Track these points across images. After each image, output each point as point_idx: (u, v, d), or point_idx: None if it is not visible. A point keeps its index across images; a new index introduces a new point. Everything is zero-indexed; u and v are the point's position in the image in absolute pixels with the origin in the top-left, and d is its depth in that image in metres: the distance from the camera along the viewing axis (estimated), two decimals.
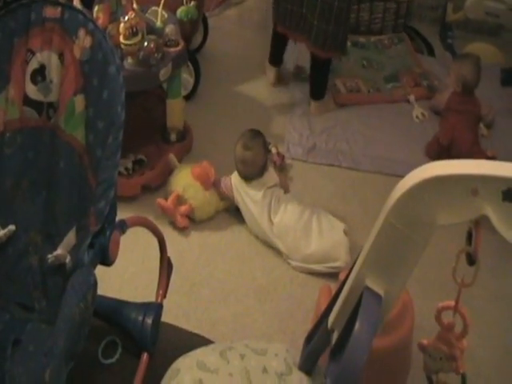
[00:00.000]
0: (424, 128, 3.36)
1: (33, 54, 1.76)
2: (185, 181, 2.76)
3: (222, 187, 2.77)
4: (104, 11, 2.75)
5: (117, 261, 1.71)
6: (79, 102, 1.71)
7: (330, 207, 2.78)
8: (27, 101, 1.78)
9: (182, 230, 2.72)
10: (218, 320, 2.36)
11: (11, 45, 1.75)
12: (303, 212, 2.61)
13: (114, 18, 2.75)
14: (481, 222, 1.07)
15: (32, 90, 1.78)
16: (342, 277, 2.16)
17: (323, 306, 2.19)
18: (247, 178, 2.70)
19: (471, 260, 1.12)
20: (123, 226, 1.75)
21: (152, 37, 2.78)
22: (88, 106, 1.70)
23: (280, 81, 3.64)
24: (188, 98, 3.36)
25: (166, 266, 2.10)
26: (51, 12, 1.73)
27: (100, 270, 1.68)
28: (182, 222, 2.70)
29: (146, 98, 3.16)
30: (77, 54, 1.71)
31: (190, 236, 2.71)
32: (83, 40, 1.70)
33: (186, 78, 3.36)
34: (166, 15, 2.94)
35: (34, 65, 1.77)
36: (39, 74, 1.77)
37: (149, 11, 3.00)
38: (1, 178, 1.78)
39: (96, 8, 2.75)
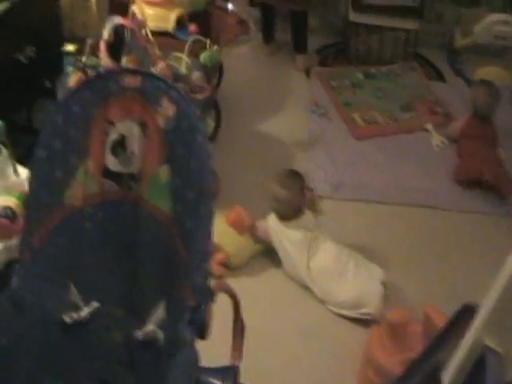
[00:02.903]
0: (445, 155, 3.41)
1: (112, 124, 1.68)
2: (219, 228, 2.77)
3: (258, 231, 2.79)
4: (132, 62, 2.80)
5: None
6: (164, 172, 1.64)
7: (361, 243, 2.82)
8: (107, 173, 1.70)
9: (219, 279, 2.73)
10: (266, 370, 2.34)
11: (90, 117, 1.67)
12: (340, 258, 2.63)
13: (142, 67, 2.80)
14: None
15: (112, 162, 1.70)
16: (391, 317, 2.21)
17: (375, 349, 2.25)
18: (285, 218, 2.72)
19: None
20: (213, 296, 1.64)
21: (179, 85, 2.82)
22: (174, 176, 1.63)
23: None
24: (210, 140, 3.40)
25: (240, 327, 2.02)
26: (131, 81, 1.66)
27: None
28: (217, 270, 2.72)
29: None
30: (160, 123, 1.64)
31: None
32: (167, 109, 1.63)
33: (208, 121, 3.39)
34: (190, 61, 2.99)
35: (114, 136, 1.69)
36: (119, 145, 1.69)
37: (170, 57, 3.05)
38: (82, 253, 1.72)
39: (124, 59, 2.80)
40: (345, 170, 3.30)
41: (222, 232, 2.75)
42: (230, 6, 4.26)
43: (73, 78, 2.81)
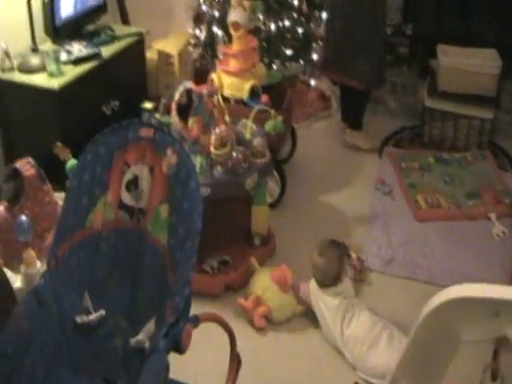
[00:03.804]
0: (504, 246, 3.38)
1: (128, 166, 2.10)
2: (264, 283, 2.91)
3: (300, 291, 2.90)
4: (197, 123, 3.01)
5: (189, 352, 1.90)
6: (164, 209, 2.01)
7: (400, 318, 2.84)
8: (122, 205, 2.10)
9: (260, 330, 2.84)
10: None
11: (111, 157, 2.08)
12: (374, 326, 2.69)
13: (206, 129, 3.00)
14: (504, 341, 1.15)
15: (126, 197, 2.10)
16: None
17: None
18: (322, 284, 2.81)
19: (494, 376, 1.20)
20: (196, 320, 1.96)
21: (241, 148, 3.02)
22: (171, 214, 1.98)
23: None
24: (274, 205, 3.56)
25: (235, 362, 2.23)
26: (146, 132, 2.08)
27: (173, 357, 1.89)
28: (259, 322, 2.84)
29: (234, 203, 3.34)
30: (164, 168, 2.02)
31: (266, 336, 2.85)
32: (170, 157, 2.02)
33: (273, 186, 3.56)
34: (254, 128, 3.18)
35: (128, 175, 2.10)
36: (133, 184, 2.10)
37: (239, 123, 3.25)
38: (96, 268, 2.09)
39: (191, 120, 3.01)
40: (399, 247, 3.34)
41: (267, 287, 2.89)
42: (312, 82, 4.46)
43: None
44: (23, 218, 2.79)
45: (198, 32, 4.51)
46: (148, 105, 3.30)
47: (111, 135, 2.10)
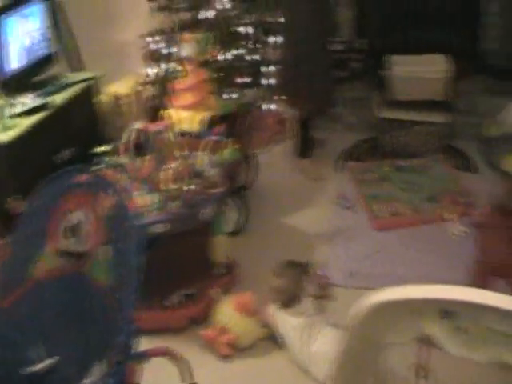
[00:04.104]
0: (463, 245, 3.42)
1: (69, 212, 2.14)
2: (227, 311, 2.95)
3: (264, 316, 2.94)
4: (150, 161, 3.08)
5: None
6: (103, 251, 2.06)
7: None
8: (63, 252, 2.14)
9: (226, 358, 2.88)
10: None
11: (52, 207, 2.14)
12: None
13: (157, 166, 3.06)
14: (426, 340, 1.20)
15: (67, 243, 2.14)
16: None
17: None
18: (284, 305, 2.86)
19: (421, 373, 1.25)
20: (143, 357, 2.00)
21: (195, 180, 3.08)
22: (111, 256, 2.03)
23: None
24: (237, 233, 3.61)
25: None
26: (82, 178, 2.16)
27: None
28: (224, 350, 2.88)
29: (195, 235, 3.38)
30: (101, 212, 2.08)
31: (233, 363, 2.87)
32: (106, 200, 2.08)
33: (234, 214, 3.61)
34: (209, 159, 3.24)
35: (69, 222, 2.14)
36: (73, 229, 2.14)
37: (194, 156, 3.31)
38: (42, 316, 2.12)
39: (145, 158, 3.08)
40: (361, 259, 3.39)
41: (230, 314, 2.93)
42: (272, 106, 4.54)
43: None
44: None
45: (149, 70, 4.62)
46: (100, 149, 3.36)
47: (50, 185, 2.17)
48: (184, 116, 3.64)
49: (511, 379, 1.55)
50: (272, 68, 4.58)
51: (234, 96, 4.50)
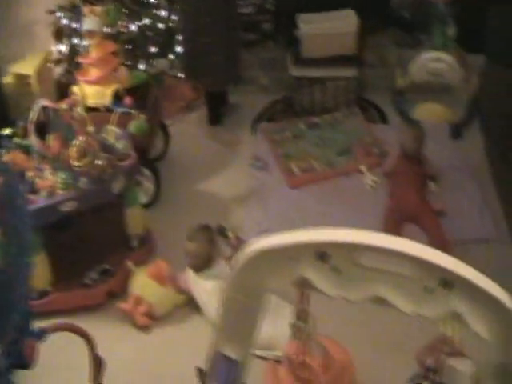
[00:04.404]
0: (377, 195, 3.50)
1: None
2: (141, 281, 2.97)
3: (179, 282, 2.97)
4: (57, 139, 3.04)
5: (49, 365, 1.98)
6: None
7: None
8: None
9: (144, 328, 2.90)
10: None
11: None
12: None
13: (66, 143, 3.03)
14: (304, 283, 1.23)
15: None
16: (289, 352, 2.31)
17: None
18: (197, 269, 2.89)
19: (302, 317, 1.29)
20: (42, 334, 1.98)
21: (104, 154, 3.06)
22: (3, 234, 1.94)
23: None
24: (151, 204, 3.61)
25: (96, 365, 2.24)
26: None
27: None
28: (141, 321, 2.90)
29: (108, 209, 3.38)
30: None
31: (152, 333, 2.90)
32: None
33: (148, 185, 3.61)
34: (118, 132, 3.23)
35: None
36: None
37: (104, 130, 3.29)
38: None
39: (50, 137, 3.04)
40: (276, 218, 3.43)
41: (144, 284, 2.95)
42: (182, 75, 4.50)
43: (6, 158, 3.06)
44: None
45: (59, 47, 4.54)
46: (6, 130, 3.31)
47: None
48: (92, 91, 3.59)
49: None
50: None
51: (145, 67, 4.45)
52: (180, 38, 4.44)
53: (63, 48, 4.57)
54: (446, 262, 1.01)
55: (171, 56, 4.58)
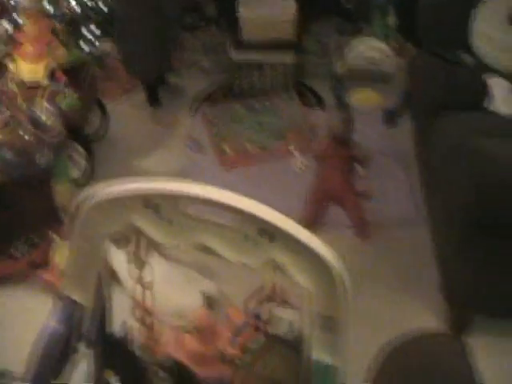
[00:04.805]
0: (306, 178, 3.56)
1: None
2: (66, 253, 2.99)
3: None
4: None
5: None
6: None
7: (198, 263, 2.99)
8: None
9: None
10: None
11: None
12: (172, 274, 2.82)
13: None
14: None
15: None
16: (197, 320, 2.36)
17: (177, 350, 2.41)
18: (117, 242, 2.93)
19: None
20: None
21: (31, 128, 3.08)
22: None
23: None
24: (85, 181, 3.63)
25: None
26: None
27: None
28: None
29: (36, 182, 3.38)
30: None
31: None
32: None
33: (81, 162, 3.64)
34: (48, 107, 3.25)
35: None
36: None
37: (35, 105, 3.30)
38: None
39: None
40: None
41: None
42: None
43: None
44: None
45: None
46: None
47: None
48: (27, 67, 3.60)
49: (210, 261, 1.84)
50: None
51: (88, 48, 4.45)
52: None
53: (4, 24, 4.54)
54: (266, 214, 1.08)
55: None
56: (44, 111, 3.24)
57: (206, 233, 1.15)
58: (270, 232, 1.07)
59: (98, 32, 4.55)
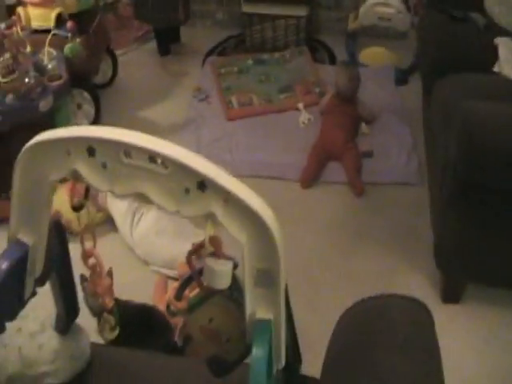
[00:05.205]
0: (309, 132, 3.55)
1: None
2: (59, 198, 3.02)
3: (98, 201, 3.04)
4: None
5: None
6: None
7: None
8: None
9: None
10: None
11: None
12: (159, 220, 2.84)
13: None
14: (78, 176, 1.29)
15: None
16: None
17: (157, 297, 2.47)
18: None
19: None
20: None
21: (33, 73, 3.10)
22: None
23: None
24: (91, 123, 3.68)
25: None
26: None
27: None
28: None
29: (38, 128, 3.41)
30: None
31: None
32: None
33: (88, 108, 3.66)
34: (53, 53, 3.27)
35: None
36: None
37: (42, 51, 3.32)
38: None
39: None
40: (206, 146, 3.49)
41: (62, 200, 2.98)
42: None
43: None
44: None
45: None
46: None
47: None
48: (36, 13, 3.61)
49: None
50: None
51: None
52: None
53: None
54: (202, 166, 1.07)
55: None
56: (49, 57, 3.25)
57: (144, 181, 1.16)
58: (205, 184, 1.08)
59: None
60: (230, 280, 1.14)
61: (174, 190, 1.11)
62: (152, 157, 1.13)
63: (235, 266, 1.16)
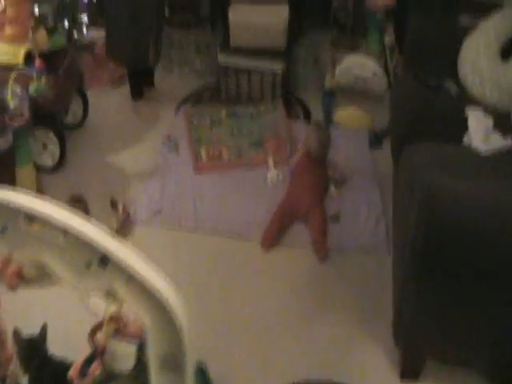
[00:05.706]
0: (277, 190, 3.47)
1: None
2: None
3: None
4: None
5: None
6: None
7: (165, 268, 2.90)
8: None
9: (14, 290, 2.86)
10: None
11: None
12: None
13: None
14: None
15: None
16: None
17: None
18: None
19: None
20: None
21: None
22: None
23: None
24: (56, 168, 3.59)
25: None
26: None
27: None
28: (11, 280, 2.85)
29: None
30: None
31: (19, 293, 2.86)
32: None
33: (53, 149, 3.58)
34: (16, 90, 3.19)
35: None
36: None
37: (7, 91, 3.24)
38: None
39: None
40: (170, 199, 3.40)
41: None
42: None
43: None
44: None
45: None
46: None
47: None
48: (5, 48, 3.55)
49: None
50: None
51: (76, 35, 4.41)
52: None
53: None
54: (105, 242, 0.99)
55: None
56: (12, 95, 3.17)
57: (46, 251, 1.07)
58: (107, 260, 1.00)
59: (86, 20, 4.52)
60: (132, 361, 1.05)
61: (75, 263, 1.04)
62: (55, 227, 1.05)
63: (140, 347, 1.07)
